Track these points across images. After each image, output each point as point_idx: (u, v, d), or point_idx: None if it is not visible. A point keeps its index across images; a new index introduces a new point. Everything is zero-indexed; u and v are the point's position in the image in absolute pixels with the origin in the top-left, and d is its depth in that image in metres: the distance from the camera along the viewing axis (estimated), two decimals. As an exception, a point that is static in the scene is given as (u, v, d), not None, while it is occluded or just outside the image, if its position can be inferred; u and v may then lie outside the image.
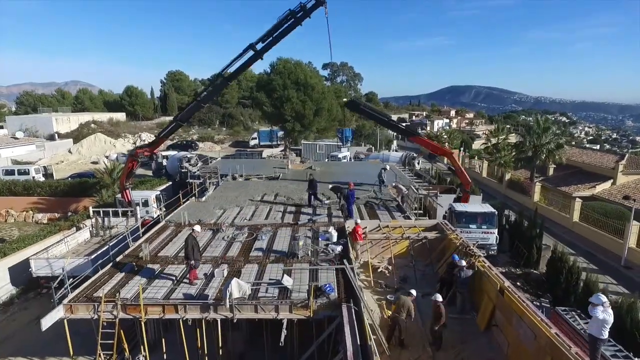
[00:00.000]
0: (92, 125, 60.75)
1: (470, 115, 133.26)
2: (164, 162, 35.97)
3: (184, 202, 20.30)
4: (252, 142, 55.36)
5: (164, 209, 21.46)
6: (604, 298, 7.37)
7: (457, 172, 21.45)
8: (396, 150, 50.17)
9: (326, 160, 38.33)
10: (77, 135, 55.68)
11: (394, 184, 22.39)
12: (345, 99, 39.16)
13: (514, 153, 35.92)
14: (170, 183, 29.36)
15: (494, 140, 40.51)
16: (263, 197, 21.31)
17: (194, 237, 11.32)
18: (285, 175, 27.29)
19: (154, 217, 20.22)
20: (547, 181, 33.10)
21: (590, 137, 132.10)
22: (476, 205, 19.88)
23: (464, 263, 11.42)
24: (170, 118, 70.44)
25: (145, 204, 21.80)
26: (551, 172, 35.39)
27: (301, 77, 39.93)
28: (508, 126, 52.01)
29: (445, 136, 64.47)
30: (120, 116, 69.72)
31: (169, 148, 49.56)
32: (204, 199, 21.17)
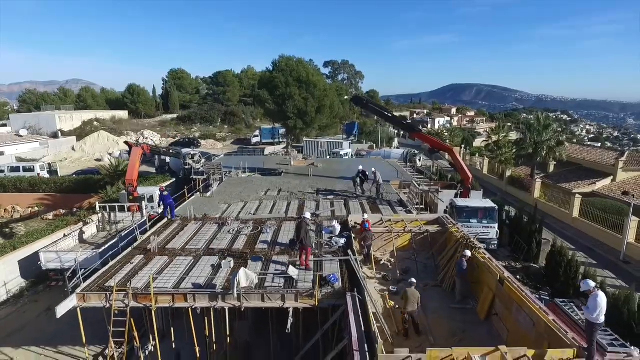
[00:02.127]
0: (95, 123, 61.12)
1: (472, 113, 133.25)
2: (167, 159, 36.26)
3: (189, 197, 20.61)
4: (254, 140, 55.55)
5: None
6: (592, 283, 7.64)
7: (457, 167, 21.71)
8: (397, 148, 50.36)
9: (328, 157, 38.60)
10: (80, 133, 56.01)
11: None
12: (349, 96, 39.50)
13: (514, 150, 36.14)
14: (174, 180, 29.66)
15: (495, 138, 40.72)
16: (267, 192, 21.64)
17: None
18: (288, 171, 27.78)
19: (159, 212, 20.53)
20: (547, 178, 33.33)
21: (592, 136, 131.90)
22: (477, 200, 20.10)
23: (468, 254, 11.68)
24: (173, 116, 71.17)
25: (151, 199, 22.11)
26: (552, 169, 35.62)
27: (303, 75, 40.17)
28: (509, 124, 52.16)
29: (446, 134, 64.64)
30: (123, 114, 70.06)
31: (171, 145, 49.92)
32: (208, 194, 21.50)
